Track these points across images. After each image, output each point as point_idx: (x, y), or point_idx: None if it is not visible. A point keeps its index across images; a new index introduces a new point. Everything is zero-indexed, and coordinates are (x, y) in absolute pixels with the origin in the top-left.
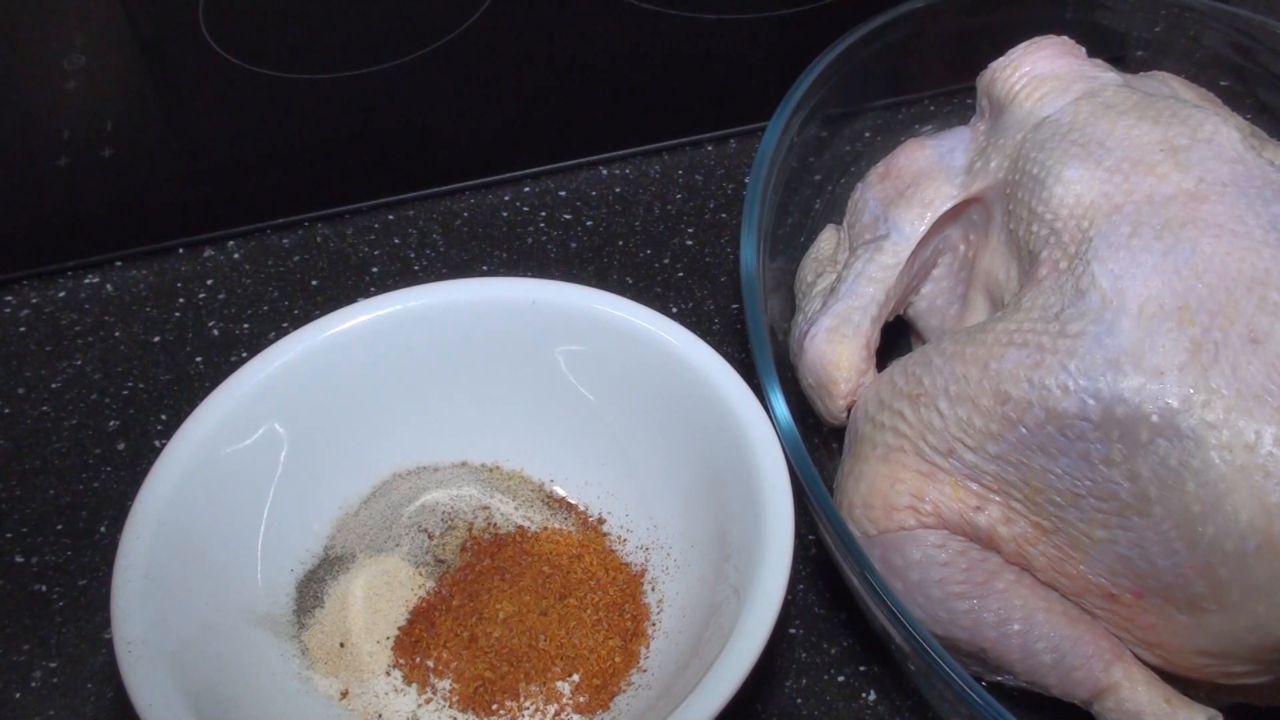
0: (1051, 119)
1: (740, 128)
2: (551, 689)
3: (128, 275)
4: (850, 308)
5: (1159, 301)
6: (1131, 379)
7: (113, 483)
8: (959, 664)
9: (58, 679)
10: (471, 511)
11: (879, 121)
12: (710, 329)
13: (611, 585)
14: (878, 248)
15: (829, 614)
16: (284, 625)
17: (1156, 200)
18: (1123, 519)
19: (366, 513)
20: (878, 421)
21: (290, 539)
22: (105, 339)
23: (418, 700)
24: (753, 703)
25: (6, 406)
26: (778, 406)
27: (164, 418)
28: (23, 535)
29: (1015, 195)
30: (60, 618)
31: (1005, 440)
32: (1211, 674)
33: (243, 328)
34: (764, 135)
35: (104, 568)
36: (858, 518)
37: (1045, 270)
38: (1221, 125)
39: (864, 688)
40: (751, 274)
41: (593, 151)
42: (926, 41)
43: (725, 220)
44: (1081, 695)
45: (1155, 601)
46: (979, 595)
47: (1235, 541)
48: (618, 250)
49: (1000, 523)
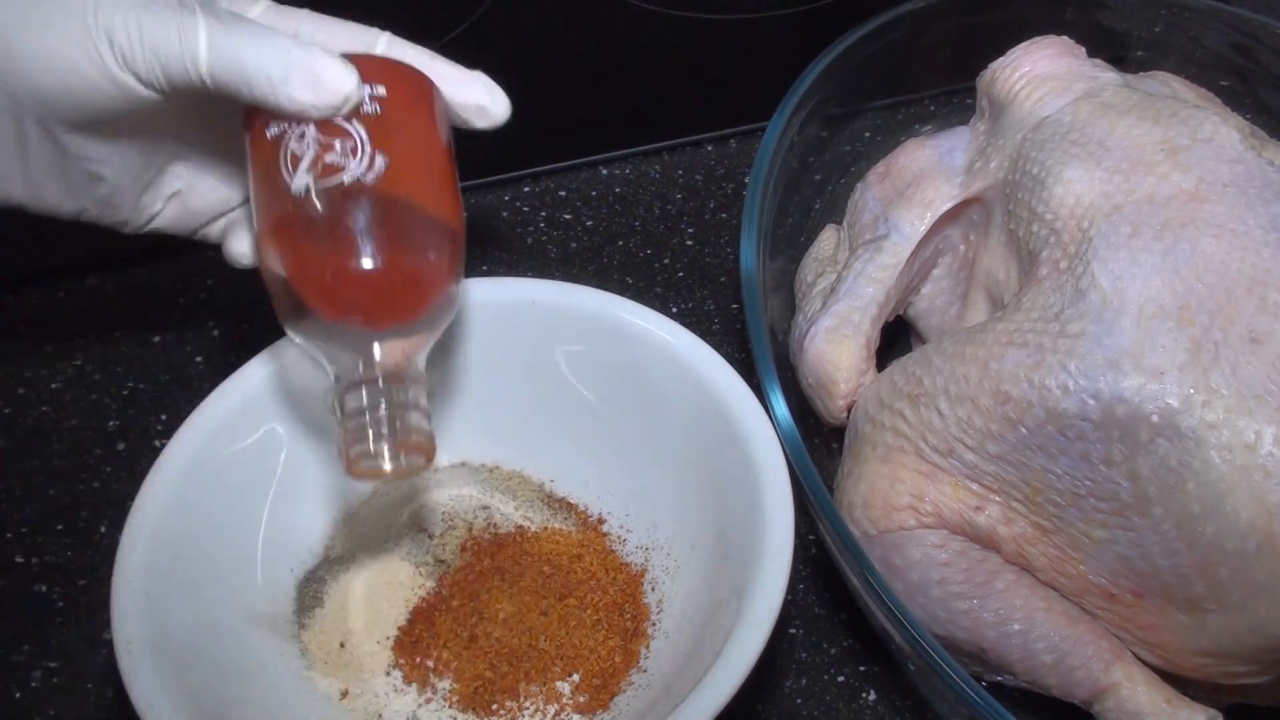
0: (1051, 119)
1: (740, 128)
2: (551, 689)
3: (128, 275)
4: (850, 308)
5: (1159, 301)
6: (1131, 379)
7: (113, 483)
8: (959, 664)
9: (58, 679)
10: (471, 511)
11: (879, 121)
12: (710, 329)
13: (611, 585)
14: (878, 248)
15: (829, 614)
16: (284, 625)
17: (1156, 200)
18: (1123, 519)
19: (366, 513)
20: (878, 421)
21: (290, 539)
22: (105, 339)
23: (418, 700)
24: (753, 703)
25: (6, 406)
26: (778, 406)
27: (164, 418)
28: (23, 535)
29: (1015, 195)
30: (60, 618)
31: (1005, 440)
32: (1211, 674)
33: (243, 328)
34: (764, 135)
35: (104, 568)
36: (858, 518)
37: (1045, 270)
38: (1221, 125)
39: (864, 688)
40: (751, 274)
41: (593, 151)
42: (926, 41)
43: (725, 220)
44: (1081, 695)
45: (1155, 601)
46: (979, 595)
47: (1235, 541)
48: (618, 250)
49: (1000, 523)
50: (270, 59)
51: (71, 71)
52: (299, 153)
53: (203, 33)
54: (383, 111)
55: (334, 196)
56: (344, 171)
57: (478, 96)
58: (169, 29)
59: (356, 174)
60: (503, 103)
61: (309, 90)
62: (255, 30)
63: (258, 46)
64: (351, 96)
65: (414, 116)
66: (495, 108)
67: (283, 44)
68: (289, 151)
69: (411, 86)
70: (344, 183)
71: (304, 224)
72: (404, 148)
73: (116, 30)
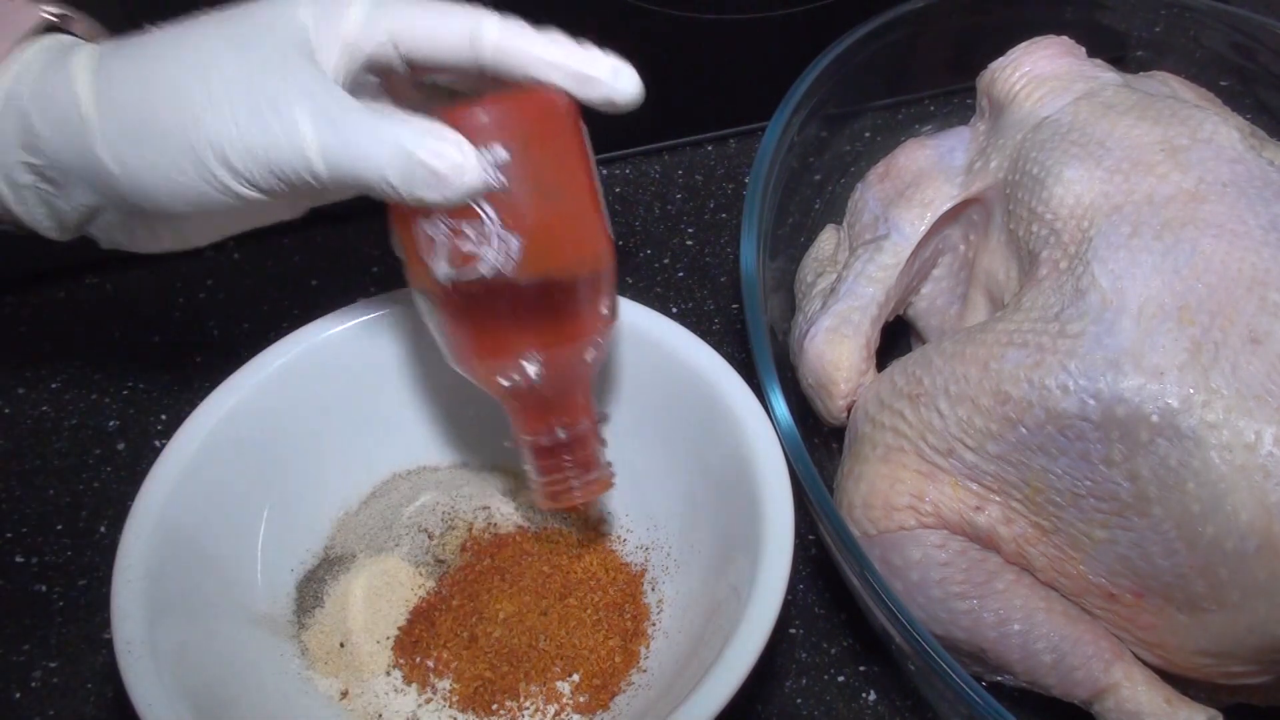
0: (1051, 119)
1: (740, 128)
2: (551, 689)
3: (128, 275)
4: (850, 308)
5: (1159, 301)
6: (1131, 379)
7: (113, 483)
8: (959, 664)
9: (58, 679)
10: (471, 511)
11: (879, 121)
12: (710, 329)
13: (611, 585)
14: (878, 248)
15: (829, 614)
16: (284, 625)
17: (1156, 200)
18: (1123, 519)
19: (366, 513)
20: (878, 421)
21: (290, 539)
22: (105, 339)
23: (418, 700)
24: (753, 703)
25: (6, 406)
26: (778, 406)
27: (164, 418)
28: (23, 535)
29: (1015, 195)
30: (60, 618)
31: (1005, 440)
32: (1211, 674)
33: (243, 328)
34: (764, 135)
35: (104, 568)
36: (858, 518)
37: (1045, 270)
38: (1221, 125)
39: (864, 688)
40: (751, 274)
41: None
42: (926, 41)
43: (725, 220)
44: (1081, 695)
45: (1155, 601)
46: (979, 595)
47: (1235, 541)
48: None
49: (1000, 523)
50: (387, 161)
51: (195, 194)
52: (434, 237)
53: (311, 142)
54: (511, 178)
55: (475, 289)
56: (480, 262)
57: (600, 91)
58: (277, 139)
59: (493, 264)
60: (629, 87)
61: (432, 190)
62: (363, 125)
63: (370, 148)
64: (475, 188)
65: (545, 164)
66: (621, 98)
67: (393, 137)
68: (424, 234)
69: (536, 127)
70: (482, 274)
71: (452, 308)
72: (539, 215)
73: (227, 151)
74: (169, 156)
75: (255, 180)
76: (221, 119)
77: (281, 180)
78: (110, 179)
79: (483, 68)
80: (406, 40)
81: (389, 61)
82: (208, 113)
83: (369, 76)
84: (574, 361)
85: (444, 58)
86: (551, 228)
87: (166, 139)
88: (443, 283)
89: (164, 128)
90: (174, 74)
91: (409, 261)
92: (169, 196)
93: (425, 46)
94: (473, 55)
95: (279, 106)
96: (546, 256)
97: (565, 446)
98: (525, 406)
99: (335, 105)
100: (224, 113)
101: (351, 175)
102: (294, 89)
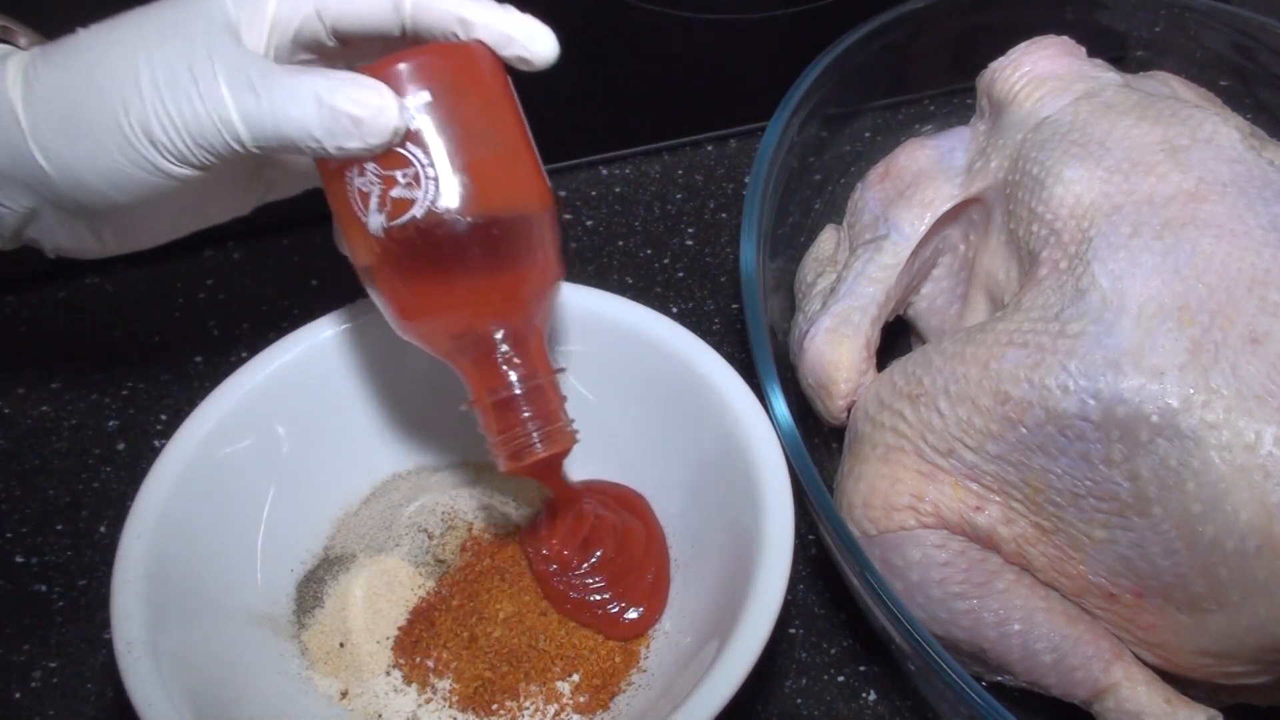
0: (1051, 119)
1: (740, 128)
2: (551, 689)
3: (128, 275)
4: (850, 308)
5: (1159, 301)
6: (1131, 379)
7: (113, 483)
8: (959, 664)
9: (58, 679)
10: (471, 511)
11: (879, 121)
12: (710, 329)
13: None
14: (878, 248)
15: (829, 614)
16: (284, 625)
17: (1156, 200)
18: (1123, 519)
19: (366, 513)
20: (878, 421)
21: (290, 539)
22: (105, 339)
23: (418, 700)
24: (753, 703)
25: (6, 406)
26: (778, 406)
27: (164, 418)
28: (23, 535)
29: (1015, 195)
30: (60, 618)
31: (1005, 440)
32: (1211, 674)
33: (243, 328)
34: (764, 135)
35: (104, 568)
36: (858, 518)
37: (1045, 270)
38: (1221, 125)
39: (864, 688)
40: (751, 274)
41: (593, 151)
42: (926, 41)
43: (725, 220)
44: (1081, 695)
45: (1155, 601)
46: (979, 595)
47: (1235, 541)
48: (618, 250)
49: (1000, 523)
50: (307, 118)
51: (128, 179)
52: (365, 190)
53: (233, 109)
54: (435, 122)
55: (410, 233)
56: (414, 205)
57: (515, 49)
58: (197, 110)
59: (426, 205)
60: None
61: (354, 139)
62: (283, 84)
63: (290, 105)
64: (399, 129)
65: (469, 109)
66: (537, 57)
67: (311, 91)
68: (356, 189)
69: (456, 74)
70: (416, 217)
71: (393, 263)
72: (467, 155)
73: (154, 129)
74: (98, 143)
75: (183, 154)
76: (145, 100)
77: (208, 151)
78: (42, 174)
79: (404, 30)
80: (331, 9)
81: (316, 35)
82: (133, 97)
83: (304, 55)
84: (523, 311)
85: (368, 23)
86: (484, 166)
87: (94, 126)
88: (380, 236)
89: (91, 116)
90: (100, 66)
91: (346, 229)
92: (102, 183)
93: (349, 14)
94: (396, 19)
95: (199, 80)
96: (482, 197)
97: (522, 400)
98: (476, 362)
99: (255, 70)
100: (148, 94)
101: (275, 136)
102: (216, 63)
